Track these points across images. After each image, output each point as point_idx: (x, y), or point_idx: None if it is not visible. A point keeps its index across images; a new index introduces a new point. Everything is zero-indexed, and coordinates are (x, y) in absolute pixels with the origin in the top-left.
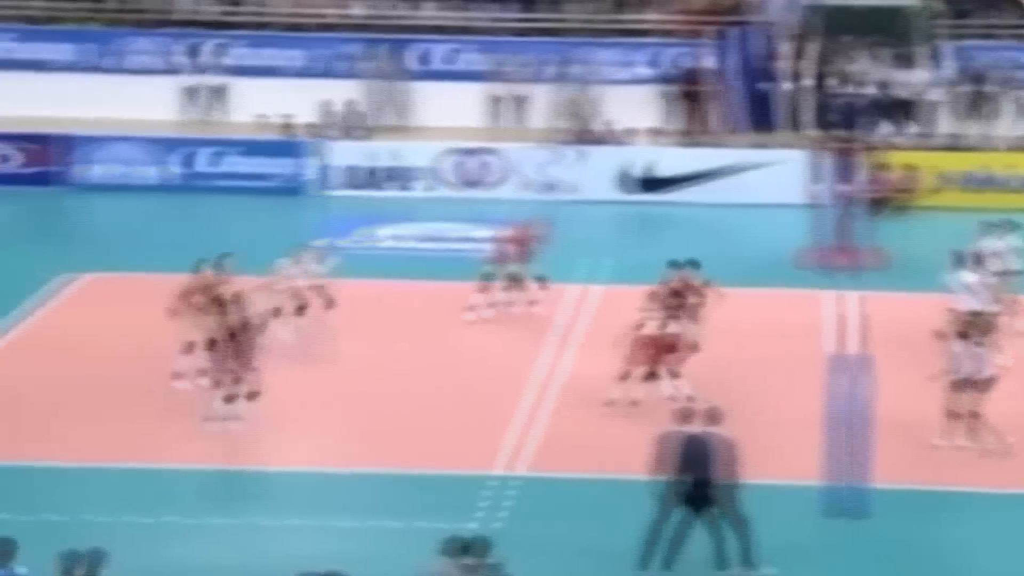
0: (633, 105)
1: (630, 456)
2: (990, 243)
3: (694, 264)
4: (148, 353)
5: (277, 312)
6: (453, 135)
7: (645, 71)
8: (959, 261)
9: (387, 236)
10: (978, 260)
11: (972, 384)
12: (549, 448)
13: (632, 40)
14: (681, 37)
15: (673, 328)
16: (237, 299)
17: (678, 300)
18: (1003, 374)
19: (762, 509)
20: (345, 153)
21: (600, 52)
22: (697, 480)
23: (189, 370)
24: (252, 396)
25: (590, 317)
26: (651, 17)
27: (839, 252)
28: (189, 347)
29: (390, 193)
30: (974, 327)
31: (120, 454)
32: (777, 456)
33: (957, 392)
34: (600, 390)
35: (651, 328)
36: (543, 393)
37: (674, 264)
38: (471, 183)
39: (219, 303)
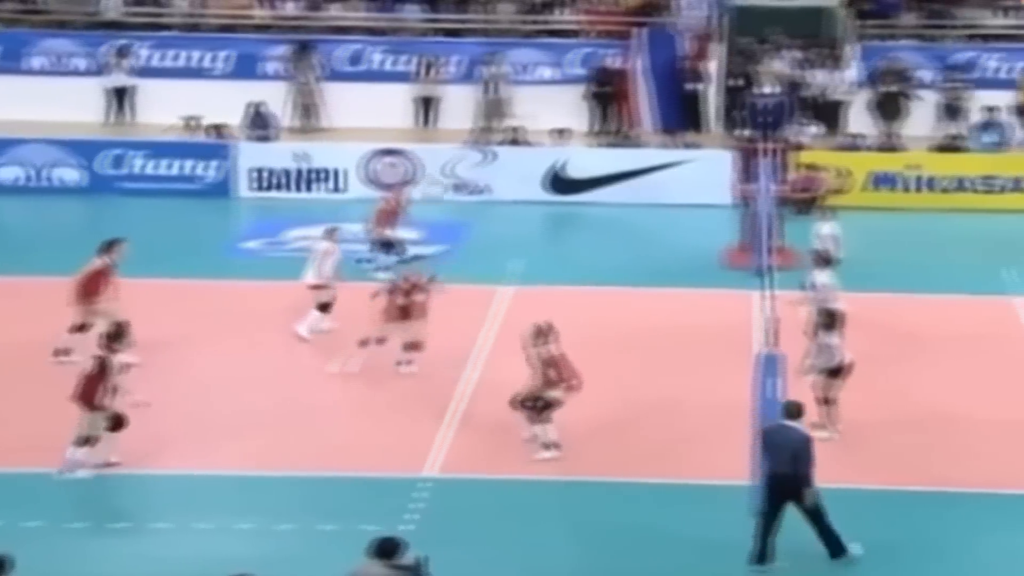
0: (549, 105)
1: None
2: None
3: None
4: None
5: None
6: (373, 136)
7: (561, 72)
8: (823, 261)
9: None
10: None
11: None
12: (476, 449)
13: (548, 40)
14: (597, 38)
15: None
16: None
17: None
18: None
19: (690, 508)
20: (261, 154)
21: (516, 52)
22: (776, 473)
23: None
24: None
25: (506, 318)
26: (567, 18)
27: (765, 252)
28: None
29: (307, 195)
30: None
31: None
32: (707, 455)
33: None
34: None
35: None
36: (471, 395)
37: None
38: (387, 184)
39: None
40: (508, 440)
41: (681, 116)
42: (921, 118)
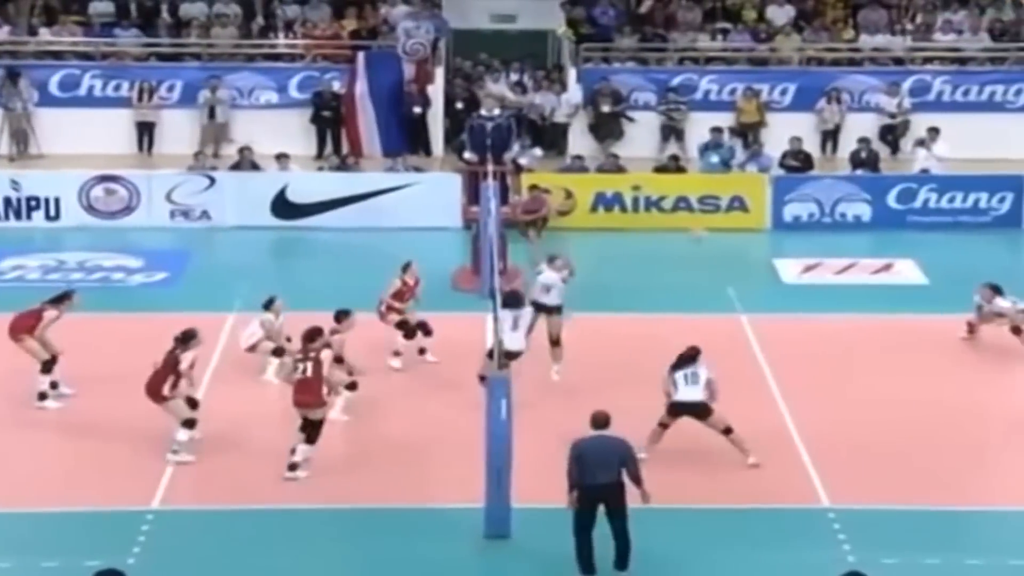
0: (272, 130)
1: (273, 486)
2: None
3: None
4: None
5: None
6: (90, 163)
7: (282, 95)
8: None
9: (33, 267)
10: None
11: None
12: (200, 480)
13: (269, 65)
14: (318, 61)
15: None
16: None
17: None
18: None
19: (425, 532)
20: None
21: (237, 76)
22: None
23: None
24: None
25: (227, 347)
26: (287, 41)
27: (492, 274)
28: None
29: (21, 224)
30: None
31: None
32: (440, 480)
33: None
34: (242, 421)
35: None
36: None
37: None
38: (106, 212)
39: None
40: (232, 469)
41: (405, 139)
42: (642, 139)
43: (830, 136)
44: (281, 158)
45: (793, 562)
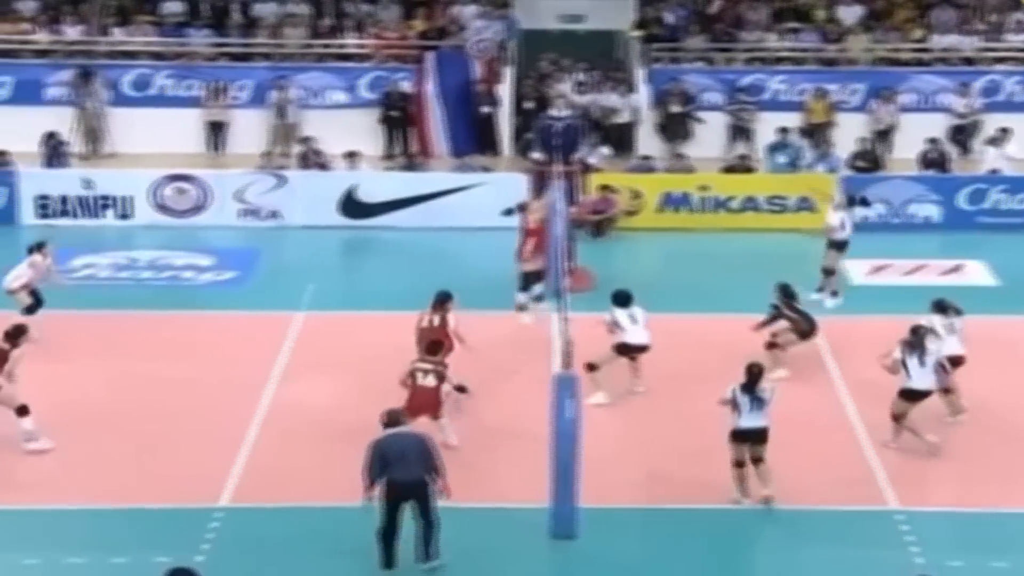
0: (342, 129)
1: (343, 484)
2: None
3: None
4: None
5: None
6: (161, 162)
7: (351, 96)
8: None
9: (104, 265)
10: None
11: None
12: (271, 478)
13: (338, 65)
14: (388, 61)
15: None
16: None
17: None
18: None
19: (491, 531)
20: (46, 181)
21: (307, 76)
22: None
23: None
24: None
25: (298, 345)
26: (357, 41)
27: (563, 274)
28: None
29: (94, 222)
30: None
31: None
32: (507, 477)
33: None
34: (311, 418)
35: None
36: (264, 423)
37: None
38: (176, 211)
39: None
40: (302, 466)
41: (474, 139)
42: (711, 139)
43: (884, 136)
44: (350, 156)
45: (860, 564)
